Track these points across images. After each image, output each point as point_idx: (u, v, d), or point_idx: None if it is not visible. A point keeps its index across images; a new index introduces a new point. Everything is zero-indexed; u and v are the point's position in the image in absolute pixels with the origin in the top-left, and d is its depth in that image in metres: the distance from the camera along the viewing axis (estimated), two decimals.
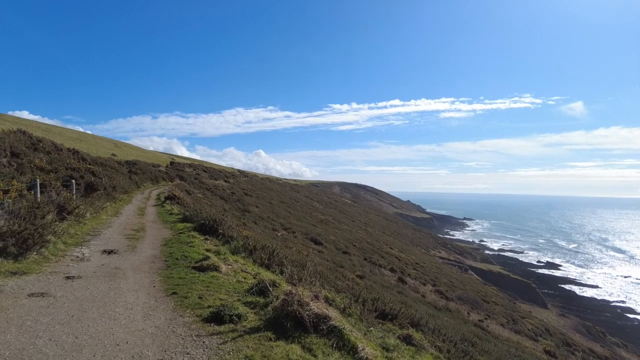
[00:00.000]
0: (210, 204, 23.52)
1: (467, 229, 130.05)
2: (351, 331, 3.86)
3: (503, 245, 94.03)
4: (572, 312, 42.64)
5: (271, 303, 4.34)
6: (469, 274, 51.63)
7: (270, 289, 4.74)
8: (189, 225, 11.01)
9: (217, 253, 7.81)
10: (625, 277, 64.76)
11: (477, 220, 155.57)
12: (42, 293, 4.58)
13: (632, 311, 46.41)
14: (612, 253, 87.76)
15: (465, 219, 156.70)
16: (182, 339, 3.57)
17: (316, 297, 4.17)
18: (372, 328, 5.83)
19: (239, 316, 4.07)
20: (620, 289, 56.44)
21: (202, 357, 3.23)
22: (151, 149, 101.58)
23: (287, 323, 3.84)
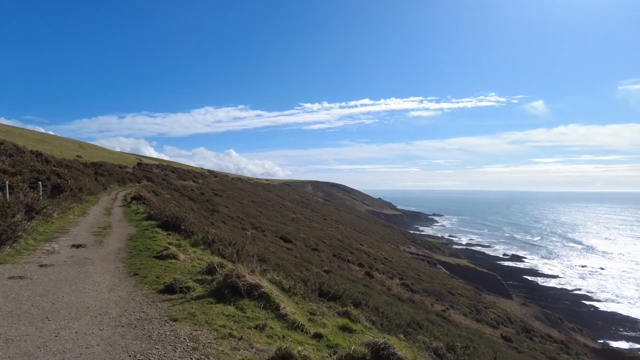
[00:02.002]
0: (178, 205, 24.03)
1: (436, 224, 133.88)
2: (277, 296, 4.92)
3: (471, 239, 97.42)
4: (534, 301, 44.73)
5: (216, 279, 5.34)
6: (437, 268, 53.17)
7: (218, 269, 5.74)
8: (153, 222, 11.79)
9: (178, 246, 8.69)
10: (582, 266, 68.71)
11: (446, 216, 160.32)
12: (20, 276, 5.43)
13: (588, 298, 49.45)
14: (571, 244, 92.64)
15: (434, 215, 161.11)
16: (140, 303, 4.56)
17: (252, 272, 5.19)
18: (311, 303, 6.91)
19: (188, 288, 5.07)
20: (578, 278, 59.99)
21: (154, 314, 4.23)
22: (118, 149, 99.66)
23: (226, 291, 4.85)
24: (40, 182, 13.75)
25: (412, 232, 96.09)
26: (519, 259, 73.83)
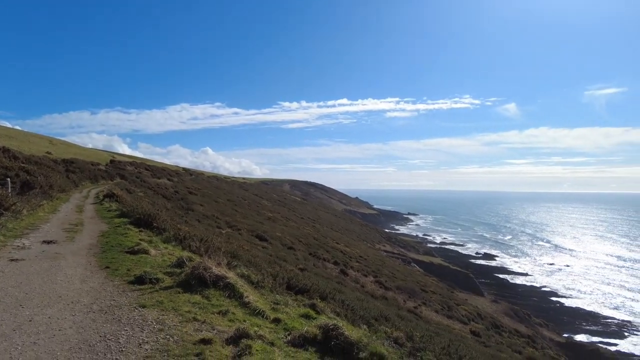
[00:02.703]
0: (152, 203, 23.93)
1: (411, 223, 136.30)
2: (242, 286, 5.29)
3: (445, 238, 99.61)
4: (505, 298, 46.07)
5: (185, 271, 5.67)
6: (411, 266, 54.02)
7: (187, 263, 6.06)
8: (125, 220, 11.91)
9: (150, 242, 8.91)
10: (550, 264, 71.48)
11: (421, 215, 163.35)
12: None
13: (555, 295, 51.51)
14: (539, 243, 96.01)
15: (410, 214, 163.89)
16: (111, 293, 4.86)
17: (219, 264, 5.55)
18: (277, 295, 7.31)
19: (157, 279, 5.39)
20: (546, 275, 62.42)
21: (124, 301, 4.56)
22: (90, 146, 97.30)
23: (193, 282, 5.20)
24: (9, 179, 13.61)
25: (387, 230, 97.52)
26: (490, 257, 76.09)
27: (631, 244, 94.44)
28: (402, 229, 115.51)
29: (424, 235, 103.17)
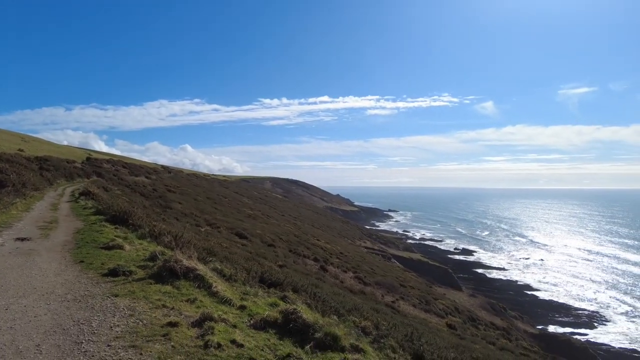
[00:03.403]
0: (129, 201, 23.82)
1: (391, 220, 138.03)
2: (211, 277, 5.62)
3: (424, 234, 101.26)
4: (482, 293, 47.11)
5: (157, 264, 5.95)
6: (391, 262, 54.68)
7: (159, 256, 6.33)
8: (101, 217, 12.01)
9: (125, 238, 9.10)
10: (526, 259, 73.66)
11: (401, 212, 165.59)
12: None
13: (530, 288, 53.13)
14: (516, 238, 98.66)
15: (390, 210, 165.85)
16: (85, 284, 5.13)
17: (189, 257, 5.86)
18: (249, 288, 7.65)
19: (130, 272, 5.66)
20: (521, 269, 64.32)
21: (97, 292, 4.84)
22: (65, 143, 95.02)
23: (164, 273, 5.50)
24: None
25: (368, 227, 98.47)
26: (469, 252, 77.81)
27: (600, 239, 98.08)
28: (383, 226, 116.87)
29: (404, 231, 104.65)
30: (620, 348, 34.69)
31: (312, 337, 4.10)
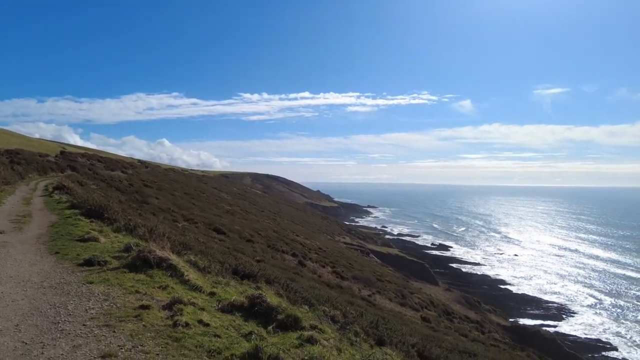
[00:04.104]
0: (104, 195, 23.62)
1: (370, 215, 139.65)
2: (183, 267, 5.93)
3: (402, 230, 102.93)
4: (457, 287, 48.22)
5: (132, 255, 6.21)
6: (369, 257, 55.31)
7: (134, 247, 6.59)
8: (76, 211, 12.04)
9: (100, 231, 9.24)
10: (500, 254, 75.92)
11: (380, 208, 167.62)
12: None
13: (504, 282, 54.81)
14: (491, 234, 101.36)
15: (369, 206, 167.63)
16: (60, 273, 5.38)
17: (162, 248, 6.14)
18: (221, 278, 7.96)
19: (105, 262, 5.92)
20: (496, 264, 66.25)
21: (73, 279, 5.10)
22: (37, 136, 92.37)
23: (138, 263, 5.78)
24: None
25: (347, 223, 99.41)
26: (445, 248, 79.57)
27: (569, 235, 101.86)
28: (362, 221, 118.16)
29: (382, 227, 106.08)
30: (586, 338, 36.40)
31: (275, 318, 4.48)
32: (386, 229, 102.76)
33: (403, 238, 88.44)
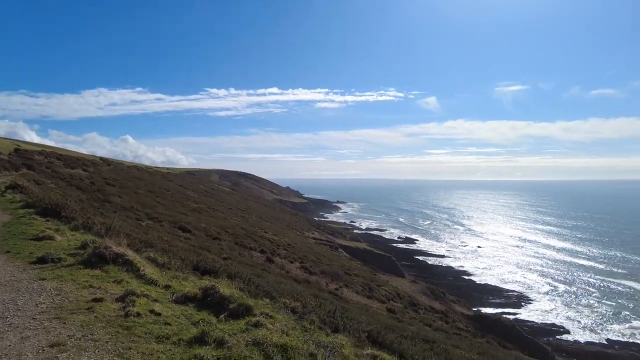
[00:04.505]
0: (63, 194, 22.87)
1: (339, 211, 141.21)
2: (139, 262, 6.02)
3: (370, 224, 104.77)
4: (423, 279, 49.55)
5: (87, 251, 6.24)
6: (338, 252, 55.89)
7: (90, 244, 6.61)
8: (31, 210, 11.71)
9: (57, 230, 9.08)
10: (464, 246, 78.62)
11: (349, 203, 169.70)
12: None
13: (467, 273, 56.91)
14: (455, 227, 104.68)
15: (338, 202, 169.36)
16: (11, 272, 5.36)
17: (119, 244, 6.20)
18: (180, 273, 8.06)
19: (60, 259, 5.92)
20: (460, 256, 68.58)
21: (24, 277, 5.11)
22: None
23: (94, 259, 5.83)
24: None
25: (317, 218, 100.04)
26: (411, 241, 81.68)
27: (528, 227, 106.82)
28: (331, 217, 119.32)
29: (351, 222, 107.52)
30: (542, 323, 38.55)
31: (228, 307, 4.68)
32: (355, 223, 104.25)
33: (371, 232, 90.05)
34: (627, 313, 40.59)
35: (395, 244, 76.68)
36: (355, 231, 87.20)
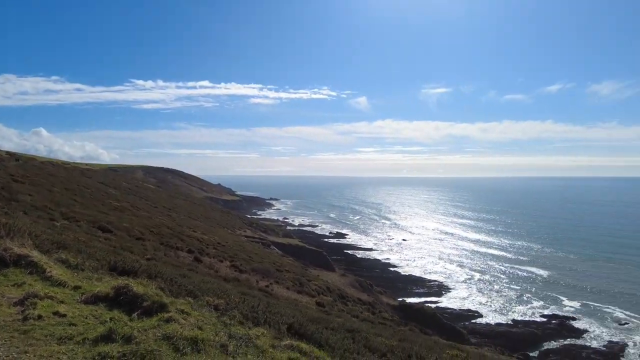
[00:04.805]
0: None
1: (272, 208, 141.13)
2: (46, 263, 5.71)
3: (303, 220, 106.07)
4: (352, 272, 51.14)
5: None
6: (270, 249, 55.81)
7: None
8: None
9: None
10: (390, 239, 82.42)
11: (282, 200, 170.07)
12: None
13: (393, 265, 59.84)
14: (383, 222, 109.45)
15: (271, 199, 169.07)
16: None
17: (22, 245, 5.82)
18: (93, 274, 7.71)
19: None
20: (387, 249, 71.85)
21: None
22: None
23: None
24: None
25: (249, 216, 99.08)
26: (341, 236, 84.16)
27: (449, 220, 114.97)
28: (264, 214, 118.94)
29: (284, 218, 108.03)
30: (459, 309, 41.89)
31: (141, 305, 4.65)
32: (288, 220, 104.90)
33: (304, 228, 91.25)
34: (529, 295, 45.49)
35: (326, 239, 78.54)
36: (289, 228, 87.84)
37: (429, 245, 76.29)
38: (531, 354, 30.58)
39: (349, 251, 67.51)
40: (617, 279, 51.34)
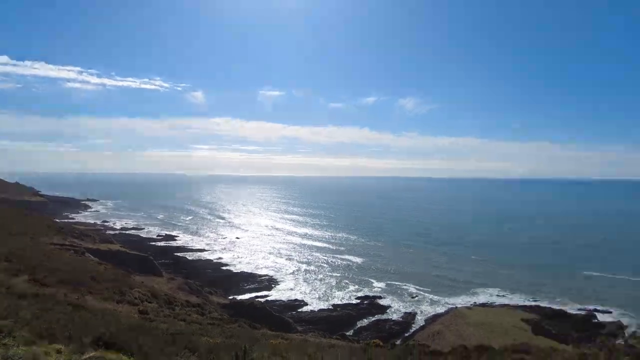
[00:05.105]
0: None
1: (90, 210, 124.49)
2: None
3: (126, 223, 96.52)
4: (182, 275, 48.74)
5: None
6: (85, 257, 49.53)
7: None
8: None
9: None
10: (224, 238, 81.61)
11: (102, 201, 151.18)
12: None
13: (225, 264, 59.40)
14: (216, 220, 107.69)
15: (88, 200, 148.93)
16: None
17: None
18: None
19: None
20: (219, 248, 70.86)
21: None
22: None
23: None
24: None
25: (59, 220, 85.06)
26: (171, 238, 79.66)
27: (279, 217, 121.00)
28: (79, 217, 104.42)
29: (104, 222, 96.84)
30: (288, 300, 44.58)
31: None
32: (108, 223, 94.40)
33: (127, 232, 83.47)
34: (347, 281, 51.56)
35: (153, 242, 73.57)
36: (108, 232, 79.05)
37: (260, 242, 78.73)
38: (347, 333, 34.71)
39: (179, 254, 64.62)
40: (411, 261, 62.50)
